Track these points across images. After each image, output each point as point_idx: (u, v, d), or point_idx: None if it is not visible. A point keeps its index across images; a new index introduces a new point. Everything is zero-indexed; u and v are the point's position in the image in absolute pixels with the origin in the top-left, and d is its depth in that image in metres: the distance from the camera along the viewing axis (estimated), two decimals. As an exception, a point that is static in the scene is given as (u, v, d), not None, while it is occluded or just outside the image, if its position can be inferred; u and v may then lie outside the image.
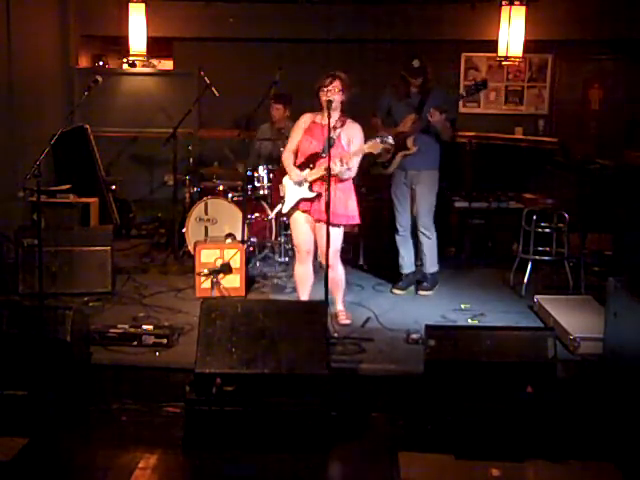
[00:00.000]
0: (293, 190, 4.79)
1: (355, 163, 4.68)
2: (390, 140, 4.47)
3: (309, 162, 4.72)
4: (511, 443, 3.63)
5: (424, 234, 5.56)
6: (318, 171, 4.64)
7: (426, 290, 5.68)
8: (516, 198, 6.55)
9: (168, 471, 3.63)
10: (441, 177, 5.62)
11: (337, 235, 4.77)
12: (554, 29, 8.01)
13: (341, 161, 4.53)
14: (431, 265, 5.65)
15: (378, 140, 4.50)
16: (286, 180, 4.85)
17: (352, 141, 4.68)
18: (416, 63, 5.30)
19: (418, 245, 5.65)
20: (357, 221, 4.88)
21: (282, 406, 3.68)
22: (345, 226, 4.87)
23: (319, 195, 4.63)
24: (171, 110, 7.50)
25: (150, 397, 4.19)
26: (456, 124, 5.52)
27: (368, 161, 5.17)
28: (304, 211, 4.79)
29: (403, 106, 5.45)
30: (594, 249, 6.24)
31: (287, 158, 4.86)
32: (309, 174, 4.70)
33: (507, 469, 3.52)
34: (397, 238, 5.67)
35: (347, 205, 4.76)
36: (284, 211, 4.87)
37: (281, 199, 4.88)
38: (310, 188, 4.71)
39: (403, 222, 5.62)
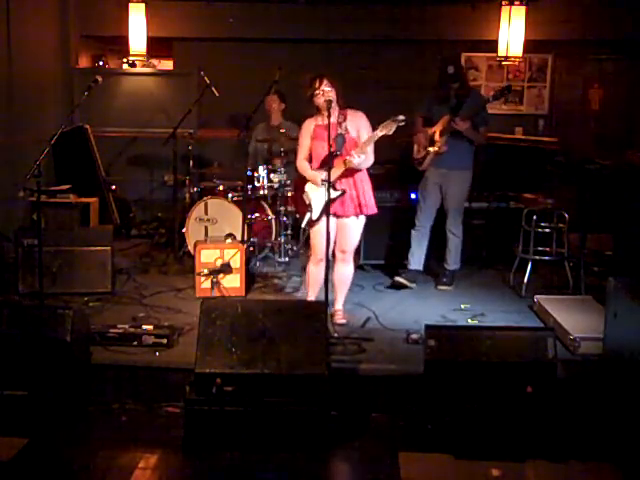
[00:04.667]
0: (318, 195, 4.72)
1: (370, 150, 4.67)
2: (401, 117, 4.46)
3: (326, 164, 4.64)
4: (511, 443, 3.63)
5: (452, 232, 5.68)
6: (338, 169, 4.62)
7: (445, 285, 5.76)
8: (516, 198, 6.54)
9: (168, 471, 3.62)
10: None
11: (361, 228, 4.84)
12: (554, 29, 8.01)
13: (357, 152, 4.55)
14: (454, 262, 5.76)
15: (390, 120, 4.47)
16: (308, 187, 4.78)
17: (360, 129, 4.69)
18: (450, 69, 5.43)
19: (445, 242, 5.74)
20: (375, 210, 4.86)
21: (282, 406, 3.68)
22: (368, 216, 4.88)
23: (344, 192, 4.65)
24: (171, 110, 7.50)
25: (150, 397, 4.19)
26: (489, 124, 5.67)
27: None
28: (332, 213, 4.71)
29: (443, 108, 5.53)
30: (594, 249, 6.24)
31: (303, 166, 4.82)
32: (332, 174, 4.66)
33: (507, 469, 3.52)
34: (412, 233, 5.74)
35: (372, 194, 4.80)
36: (314, 218, 4.76)
37: (308, 207, 4.78)
38: (334, 188, 4.65)
39: (422, 219, 5.70)
